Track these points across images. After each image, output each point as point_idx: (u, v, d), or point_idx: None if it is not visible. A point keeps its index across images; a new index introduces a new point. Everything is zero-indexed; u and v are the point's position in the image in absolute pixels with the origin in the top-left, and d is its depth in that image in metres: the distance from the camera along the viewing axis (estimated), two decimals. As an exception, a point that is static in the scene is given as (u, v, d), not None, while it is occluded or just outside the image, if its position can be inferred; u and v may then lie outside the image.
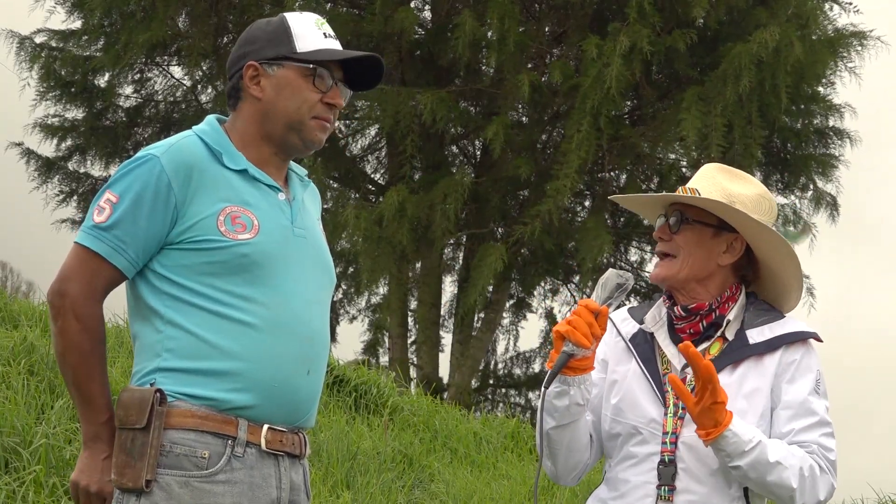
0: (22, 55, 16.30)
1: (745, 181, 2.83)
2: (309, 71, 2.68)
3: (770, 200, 2.84)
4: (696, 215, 2.79)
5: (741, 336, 2.76)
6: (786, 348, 2.74)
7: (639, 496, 2.73)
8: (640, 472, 2.74)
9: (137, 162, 2.60)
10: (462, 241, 16.67)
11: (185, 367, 2.55)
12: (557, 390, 2.71)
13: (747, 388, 2.71)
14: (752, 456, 2.59)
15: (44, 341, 6.64)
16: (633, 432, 2.77)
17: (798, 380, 2.73)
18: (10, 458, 5.08)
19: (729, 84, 13.67)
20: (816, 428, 2.70)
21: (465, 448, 8.78)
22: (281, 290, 2.61)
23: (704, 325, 2.78)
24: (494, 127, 14.03)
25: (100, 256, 2.56)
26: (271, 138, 2.70)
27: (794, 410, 2.70)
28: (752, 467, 2.60)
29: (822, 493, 2.67)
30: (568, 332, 2.63)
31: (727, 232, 2.78)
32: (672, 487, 2.70)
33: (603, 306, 2.67)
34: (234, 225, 2.58)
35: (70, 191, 17.12)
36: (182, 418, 2.52)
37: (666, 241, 2.81)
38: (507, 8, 14.12)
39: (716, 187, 2.79)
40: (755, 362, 2.73)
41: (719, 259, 2.79)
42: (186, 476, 2.50)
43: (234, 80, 2.71)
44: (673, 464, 2.71)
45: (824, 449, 2.69)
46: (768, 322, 2.77)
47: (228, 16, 16.19)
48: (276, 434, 2.61)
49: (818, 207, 16.41)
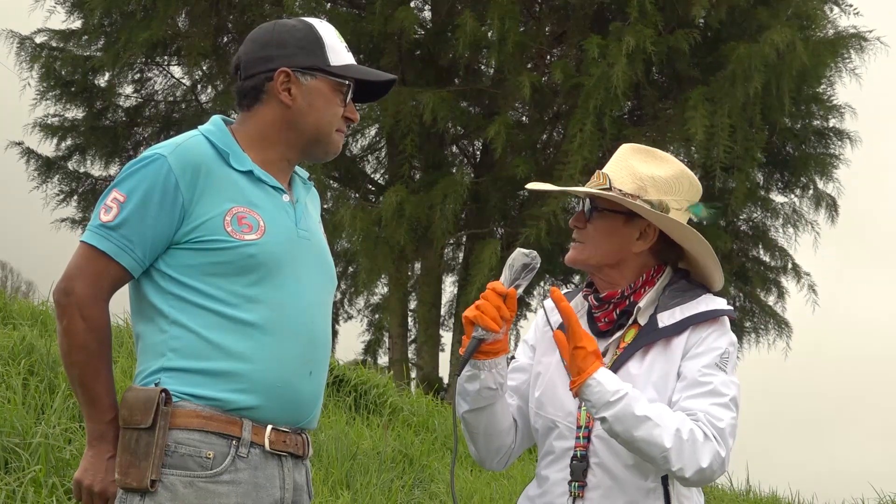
0: (22, 55, 16.33)
1: (660, 161, 2.79)
2: (341, 86, 2.69)
3: (689, 178, 2.78)
4: (606, 204, 2.75)
5: (653, 321, 2.71)
6: (693, 328, 2.68)
7: (558, 493, 2.70)
8: (558, 468, 2.72)
9: (145, 161, 2.59)
10: (462, 241, 16.68)
11: (189, 368, 2.54)
12: (469, 374, 2.71)
13: (656, 375, 2.65)
14: (616, 407, 2.52)
15: (43, 341, 6.64)
16: (552, 426, 2.74)
17: (699, 357, 2.65)
18: (10, 458, 5.08)
19: (738, 85, 13.66)
20: (706, 397, 2.60)
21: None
22: (285, 291, 2.61)
23: (618, 312, 2.74)
24: (496, 127, 14.03)
25: (106, 255, 2.55)
26: (291, 145, 2.70)
27: (686, 382, 2.63)
28: (617, 419, 2.52)
29: (705, 461, 2.54)
30: (476, 317, 2.63)
31: (639, 218, 2.74)
32: (583, 483, 2.66)
33: (510, 288, 2.65)
34: (241, 225, 2.58)
35: (70, 190, 17.13)
36: (187, 418, 2.52)
37: (581, 228, 2.79)
38: (507, 8, 14.12)
39: (627, 171, 2.76)
40: (663, 346, 2.67)
41: (633, 246, 2.75)
42: (191, 476, 2.50)
43: (254, 81, 2.68)
44: (585, 459, 2.67)
45: (712, 417, 2.57)
46: (680, 304, 2.71)
47: (228, 15, 16.20)
48: (279, 435, 2.61)
49: (818, 207, 16.43)
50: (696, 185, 2.80)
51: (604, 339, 2.75)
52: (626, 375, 2.65)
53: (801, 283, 16.56)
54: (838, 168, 16.26)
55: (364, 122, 16.28)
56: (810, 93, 15.59)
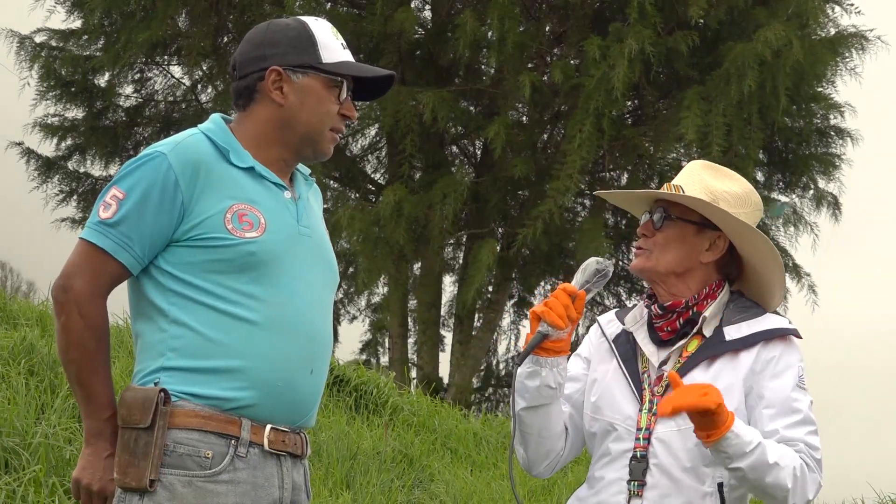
0: (22, 55, 16.32)
1: (729, 178, 2.84)
2: (334, 83, 2.69)
3: (754, 197, 2.84)
4: (679, 212, 2.79)
5: (719, 333, 2.76)
6: (763, 345, 2.74)
7: (612, 492, 2.74)
8: (615, 469, 2.75)
9: (144, 159, 2.59)
10: (462, 240, 16.67)
11: (189, 367, 2.54)
12: (529, 370, 2.73)
13: (721, 384, 2.69)
14: (752, 457, 2.58)
15: (44, 341, 6.64)
16: (610, 429, 2.78)
17: (780, 376, 2.72)
18: (10, 458, 5.08)
19: (733, 83, 13.67)
20: (801, 426, 2.69)
21: (464, 448, 8.78)
22: (286, 288, 2.61)
23: (681, 322, 2.78)
24: (496, 127, 14.03)
25: (105, 252, 2.55)
26: (286, 144, 2.70)
27: (777, 408, 2.70)
28: (752, 468, 2.59)
29: (811, 492, 2.67)
30: (544, 312, 2.66)
31: (710, 230, 2.79)
32: (642, 483, 2.70)
33: (581, 290, 2.69)
34: (241, 223, 2.58)
35: (70, 190, 17.12)
36: (186, 418, 2.51)
37: (648, 237, 2.82)
38: (507, 8, 14.12)
39: (700, 185, 2.79)
40: (730, 359, 2.73)
41: (701, 256, 2.79)
42: (190, 476, 2.50)
43: (248, 81, 2.69)
44: (645, 459, 2.71)
45: (810, 447, 2.68)
46: (746, 319, 2.77)
47: (228, 15, 16.19)
48: (278, 434, 2.60)
49: (819, 207, 16.42)
50: (759, 205, 2.86)
51: (665, 347, 2.79)
52: (690, 382, 2.68)
53: (801, 283, 16.56)
54: (839, 167, 16.24)
55: (364, 122, 16.27)
56: (810, 92, 15.58)
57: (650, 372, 2.78)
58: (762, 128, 14.59)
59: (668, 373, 2.62)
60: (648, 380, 2.78)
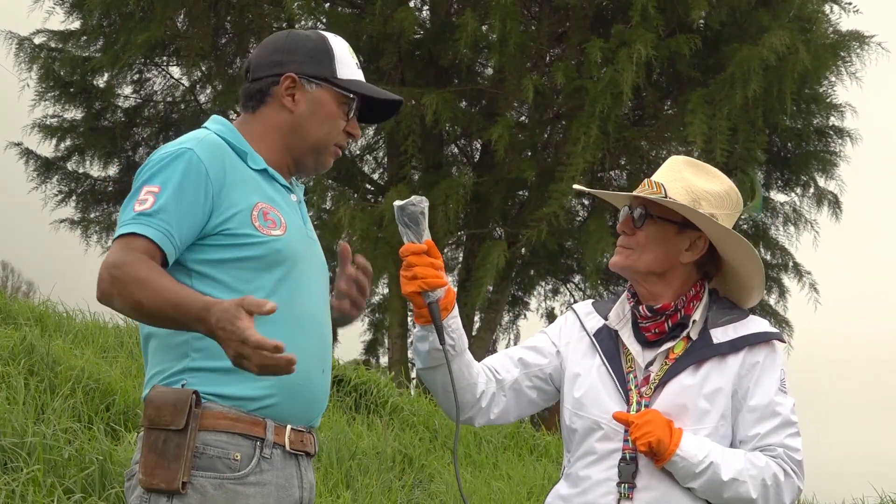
0: (21, 55, 16.34)
1: (711, 176, 2.84)
2: (346, 99, 2.71)
3: (734, 194, 2.84)
4: (660, 212, 2.79)
5: (705, 335, 2.76)
6: (749, 349, 2.75)
7: (600, 493, 2.73)
8: (601, 469, 2.75)
9: (173, 154, 2.55)
10: (462, 240, 16.67)
11: (215, 367, 2.52)
12: (419, 335, 2.78)
13: (709, 388, 2.71)
14: (703, 477, 2.63)
15: (44, 341, 6.64)
16: (594, 427, 2.77)
17: (763, 381, 2.73)
18: (10, 458, 5.07)
19: (738, 88, 13.65)
20: (781, 429, 2.71)
21: (465, 448, 8.76)
22: (303, 288, 2.63)
23: (670, 325, 2.78)
24: (499, 128, 14.02)
25: (147, 239, 2.45)
26: (290, 150, 2.71)
27: (760, 413, 2.71)
28: (705, 487, 2.64)
29: (788, 498, 2.68)
30: (422, 284, 2.68)
31: (691, 230, 2.78)
32: (632, 485, 2.70)
33: (424, 242, 2.70)
34: (266, 221, 2.59)
35: (69, 191, 17.14)
36: (215, 420, 2.50)
37: (629, 234, 2.81)
38: (508, 9, 14.12)
39: (681, 183, 2.79)
40: (718, 362, 2.74)
41: (681, 256, 2.80)
42: (220, 478, 2.49)
43: (261, 84, 2.70)
44: (634, 461, 2.71)
45: (790, 450, 2.70)
46: (732, 322, 2.78)
47: (227, 16, 16.19)
48: (297, 434, 2.62)
49: (819, 205, 16.42)
50: (740, 199, 2.86)
51: (651, 348, 2.79)
52: (678, 386, 2.71)
53: (802, 281, 16.56)
54: (839, 166, 16.25)
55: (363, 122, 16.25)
56: (810, 93, 15.58)
57: (636, 372, 2.78)
58: (766, 130, 14.58)
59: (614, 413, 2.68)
60: (635, 380, 2.77)
